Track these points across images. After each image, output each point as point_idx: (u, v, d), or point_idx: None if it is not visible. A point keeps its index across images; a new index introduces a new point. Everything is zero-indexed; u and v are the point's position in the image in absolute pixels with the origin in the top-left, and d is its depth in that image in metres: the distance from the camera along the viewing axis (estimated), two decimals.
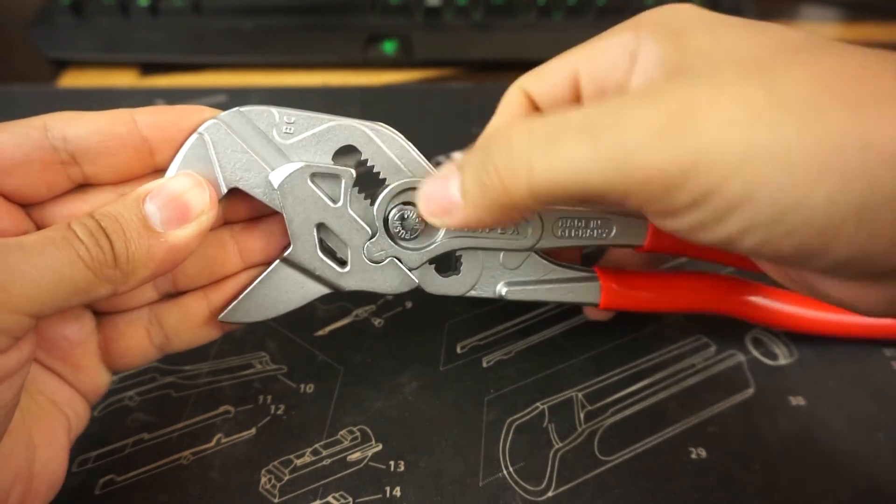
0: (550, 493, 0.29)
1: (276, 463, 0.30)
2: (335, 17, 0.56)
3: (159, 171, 0.26)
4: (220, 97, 0.51)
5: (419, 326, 0.35)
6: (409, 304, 0.36)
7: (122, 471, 0.30)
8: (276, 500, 0.29)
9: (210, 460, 0.30)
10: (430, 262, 0.28)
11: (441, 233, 0.28)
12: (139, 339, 0.28)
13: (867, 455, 0.30)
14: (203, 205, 0.24)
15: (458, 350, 0.34)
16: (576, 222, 0.28)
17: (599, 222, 0.28)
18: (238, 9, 0.55)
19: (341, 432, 0.31)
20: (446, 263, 0.29)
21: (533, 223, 0.28)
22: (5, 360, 0.21)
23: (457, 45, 0.55)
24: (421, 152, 0.28)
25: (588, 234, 0.29)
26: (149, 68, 0.55)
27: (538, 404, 0.32)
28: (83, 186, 0.26)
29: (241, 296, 0.28)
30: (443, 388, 0.33)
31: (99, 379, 0.28)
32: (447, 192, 0.24)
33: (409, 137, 0.27)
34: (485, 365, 0.34)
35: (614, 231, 0.29)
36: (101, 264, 0.22)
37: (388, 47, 0.55)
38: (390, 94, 0.52)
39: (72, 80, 0.53)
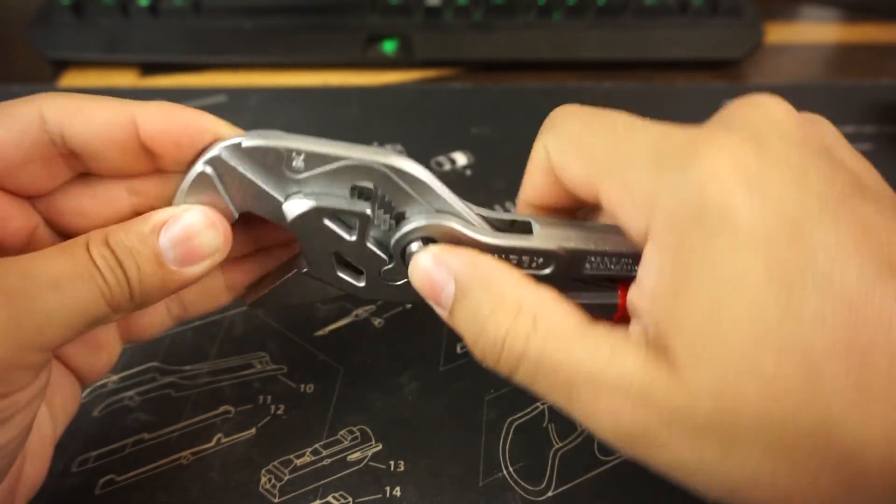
0: (550, 493, 0.29)
1: (276, 463, 0.30)
2: (335, 17, 0.55)
3: (164, 171, 0.26)
4: (220, 97, 0.51)
5: (419, 326, 0.35)
6: (408, 305, 0.36)
7: (122, 471, 0.30)
8: (276, 500, 0.29)
9: (210, 460, 0.30)
10: None
11: None
12: (160, 314, 0.29)
13: None
14: (216, 244, 0.25)
15: (458, 350, 0.34)
16: (606, 260, 0.26)
17: (630, 260, 0.26)
18: (238, 9, 0.55)
19: (341, 432, 0.31)
20: None
21: (556, 261, 0.26)
22: (27, 394, 0.21)
23: (457, 45, 0.55)
24: (421, 152, 0.28)
25: (618, 269, 0.26)
26: (149, 68, 0.55)
27: (538, 404, 0.32)
28: (88, 175, 0.26)
29: (263, 292, 0.28)
30: (443, 388, 0.33)
31: (112, 354, 0.28)
32: (439, 295, 0.24)
33: (408, 137, 0.27)
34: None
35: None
36: (118, 297, 0.22)
37: (388, 47, 0.55)
38: (390, 94, 0.52)
39: (72, 80, 0.53)
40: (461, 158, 0.46)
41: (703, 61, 0.55)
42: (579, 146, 0.24)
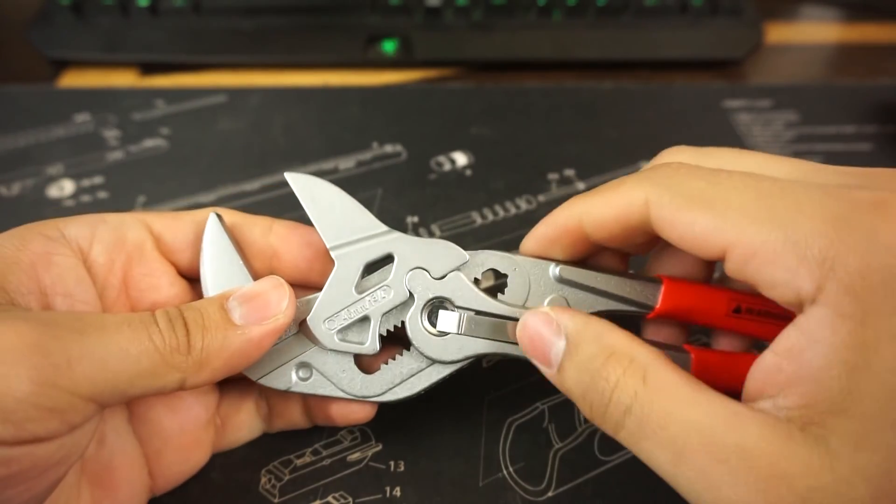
0: (550, 493, 0.29)
1: (276, 463, 0.30)
2: (335, 17, 0.55)
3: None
4: (220, 97, 0.51)
5: None
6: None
7: None
8: (276, 500, 0.29)
9: (210, 460, 0.30)
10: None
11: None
12: (250, 413, 0.30)
13: None
14: (282, 304, 0.25)
15: None
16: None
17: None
18: (238, 9, 0.55)
19: (341, 432, 0.31)
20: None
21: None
22: (48, 449, 0.20)
23: (457, 45, 0.55)
24: (421, 152, 0.28)
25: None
26: (149, 68, 0.55)
27: (538, 404, 0.32)
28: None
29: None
30: (443, 388, 0.33)
31: (202, 460, 0.29)
32: (548, 352, 0.24)
33: (408, 137, 0.26)
34: (485, 365, 0.34)
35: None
36: (172, 350, 0.22)
37: (388, 47, 0.55)
38: (390, 94, 0.52)
39: (72, 80, 0.53)
40: (461, 158, 0.46)
41: (703, 61, 0.55)
42: (708, 200, 0.23)
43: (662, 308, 0.27)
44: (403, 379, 0.28)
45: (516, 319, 0.27)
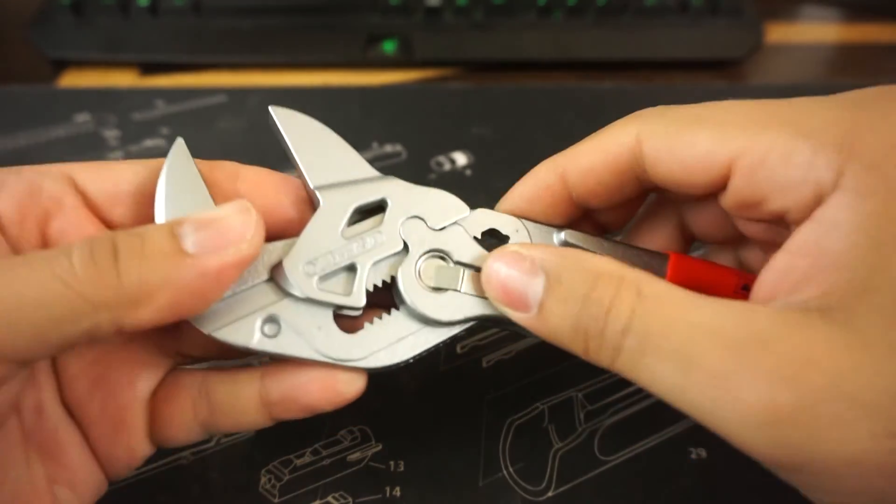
0: (550, 493, 0.29)
1: (276, 463, 0.30)
2: (335, 17, 0.55)
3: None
4: (220, 97, 0.50)
5: None
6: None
7: None
8: (276, 500, 0.29)
9: (210, 460, 0.30)
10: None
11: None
12: (184, 409, 0.25)
13: None
14: (247, 232, 0.20)
15: (458, 350, 0.34)
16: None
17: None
18: (238, 9, 0.55)
19: (341, 432, 0.31)
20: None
21: None
22: None
23: (457, 45, 0.55)
24: (421, 152, 0.27)
25: None
26: (149, 68, 0.55)
27: (538, 404, 0.32)
28: None
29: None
30: (443, 388, 0.33)
31: (135, 450, 0.25)
32: (525, 293, 0.22)
33: (409, 137, 0.26)
34: (485, 365, 0.34)
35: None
36: (93, 283, 0.18)
37: (388, 47, 0.55)
38: (390, 94, 0.52)
39: (72, 80, 0.53)
40: (461, 158, 0.46)
41: (703, 61, 0.55)
42: (705, 120, 0.22)
43: (669, 281, 0.26)
44: (389, 343, 0.24)
45: None
